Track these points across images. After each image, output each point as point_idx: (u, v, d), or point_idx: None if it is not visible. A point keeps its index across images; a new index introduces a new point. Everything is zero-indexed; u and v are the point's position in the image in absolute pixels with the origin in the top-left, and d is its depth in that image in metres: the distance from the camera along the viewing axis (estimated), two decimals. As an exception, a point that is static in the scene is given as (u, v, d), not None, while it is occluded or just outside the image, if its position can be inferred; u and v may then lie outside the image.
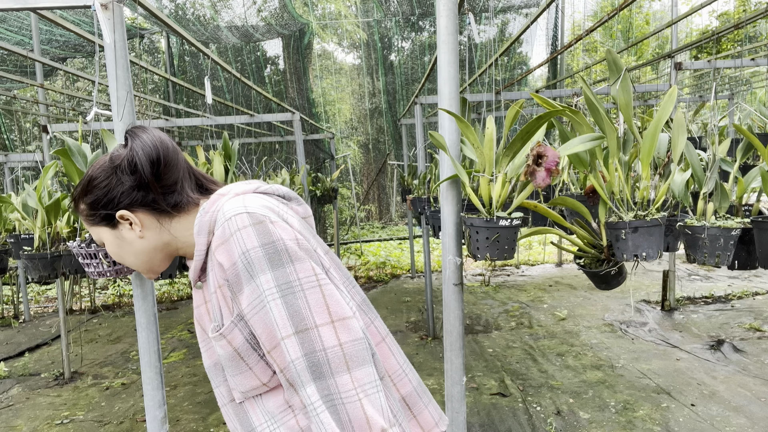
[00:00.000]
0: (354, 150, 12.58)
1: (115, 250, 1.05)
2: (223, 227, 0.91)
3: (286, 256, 0.89)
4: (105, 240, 1.05)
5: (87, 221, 1.05)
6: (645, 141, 1.91)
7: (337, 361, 0.87)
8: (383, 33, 8.95)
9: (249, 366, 0.96)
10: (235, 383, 0.98)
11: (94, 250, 1.93)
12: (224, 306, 0.96)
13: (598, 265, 2.16)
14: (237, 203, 0.93)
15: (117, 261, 1.06)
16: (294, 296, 0.88)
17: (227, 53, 8.68)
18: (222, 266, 0.92)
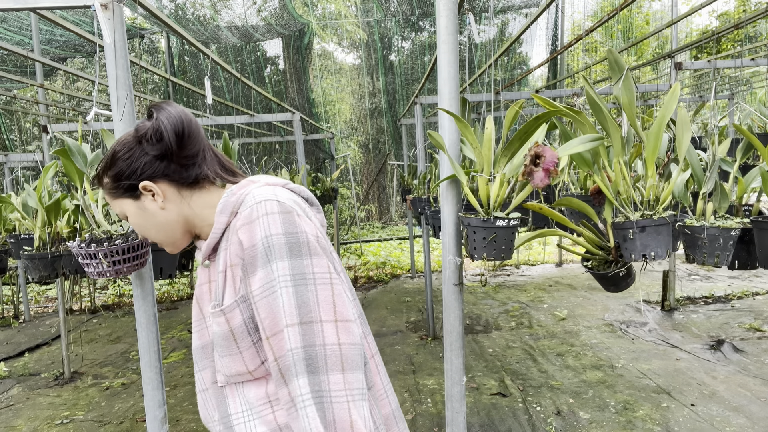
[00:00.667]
0: (354, 150, 12.58)
1: (139, 221, 1.05)
2: (251, 209, 0.94)
3: (305, 249, 0.92)
4: (128, 212, 1.05)
5: (110, 195, 1.05)
6: (649, 140, 1.90)
7: (333, 359, 0.88)
8: (383, 33, 8.95)
9: (239, 349, 0.97)
10: (222, 365, 0.99)
11: (94, 250, 1.93)
12: (229, 285, 0.98)
13: (606, 266, 2.15)
14: (268, 191, 0.97)
15: (140, 234, 1.08)
16: (306, 288, 0.90)
17: (227, 53, 8.68)
18: (241, 244, 0.93)
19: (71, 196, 3.12)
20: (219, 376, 1.01)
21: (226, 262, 0.99)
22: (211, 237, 1.01)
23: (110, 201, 1.06)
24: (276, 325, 0.90)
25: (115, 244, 1.95)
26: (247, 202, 0.97)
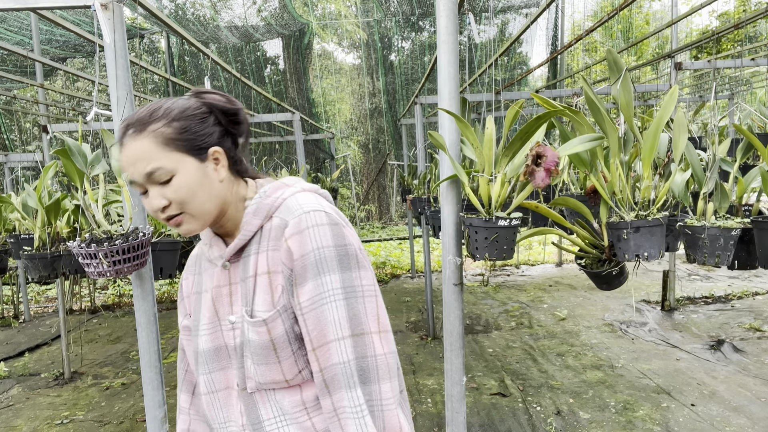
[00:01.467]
0: (354, 150, 12.58)
1: (193, 184, 0.94)
2: (300, 218, 0.94)
3: (354, 261, 0.94)
4: (184, 171, 0.94)
5: (163, 144, 0.93)
6: (646, 140, 1.90)
7: (383, 369, 0.93)
8: (383, 33, 8.95)
9: (278, 359, 0.95)
10: (256, 372, 0.97)
11: (94, 250, 1.93)
12: (263, 292, 0.96)
13: (600, 265, 2.16)
14: (312, 199, 0.98)
15: (183, 201, 0.94)
16: (356, 301, 0.93)
17: (227, 53, 8.68)
18: (291, 254, 0.93)
19: (71, 196, 3.12)
20: (250, 382, 0.98)
21: (259, 267, 0.97)
22: (240, 238, 0.99)
23: (154, 151, 0.93)
24: (324, 337, 0.92)
25: (115, 244, 1.95)
26: (293, 210, 0.95)
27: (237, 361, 1.00)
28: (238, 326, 0.99)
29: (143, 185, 0.95)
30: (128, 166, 0.94)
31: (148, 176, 0.93)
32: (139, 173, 0.93)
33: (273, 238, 0.97)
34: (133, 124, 0.95)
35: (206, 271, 1.06)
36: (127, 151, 0.94)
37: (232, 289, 1.01)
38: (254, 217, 0.99)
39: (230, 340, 1.00)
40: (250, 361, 0.97)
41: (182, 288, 1.15)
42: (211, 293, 1.04)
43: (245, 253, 1.00)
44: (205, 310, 1.04)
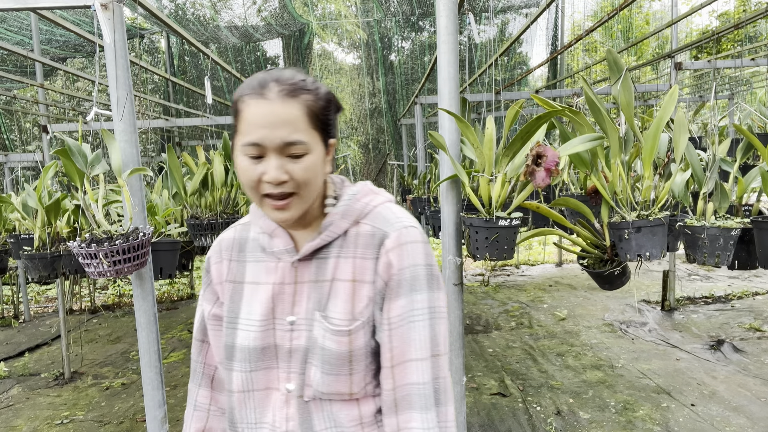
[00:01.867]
0: (354, 150, 12.58)
1: (317, 169, 0.89)
2: (401, 232, 0.93)
3: (437, 282, 0.94)
4: (315, 153, 0.88)
5: (309, 117, 0.87)
6: (647, 140, 1.90)
7: (448, 390, 0.94)
8: (383, 33, 8.95)
9: (351, 371, 0.92)
10: (322, 381, 0.92)
11: (95, 250, 1.93)
12: (345, 300, 0.92)
13: (602, 265, 2.16)
14: (406, 214, 0.97)
15: (305, 182, 0.87)
16: (436, 321, 0.93)
17: (227, 53, 8.68)
18: (391, 267, 0.92)
19: (71, 196, 3.12)
20: (309, 390, 0.93)
21: (339, 272, 0.93)
22: (323, 238, 0.94)
23: (299, 121, 0.86)
24: (405, 354, 0.91)
25: (115, 244, 1.95)
26: (391, 221, 0.94)
27: (289, 364, 0.95)
28: (299, 328, 0.94)
29: (266, 150, 0.85)
30: (264, 125, 0.84)
31: (285, 145, 0.84)
32: (277, 138, 0.84)
33: (362, 245, 0.94)
34: (284, 83, 0.85)
35: (260, 262, 0.99)
36: (271, 108, 0.84)
37: (297, 288, 0.95)
38: (342, 220, 0.94)
39: (285, 341, 0.95)
40: (316, 369, 0.92)
41: (210, 273, 1.05)
42: (271, 288, 0.96)
43: (322, 254, 0.95)
44: (256, 305, 0.97)
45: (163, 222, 3.10)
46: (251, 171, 0.86)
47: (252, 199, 0.91)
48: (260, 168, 0.86)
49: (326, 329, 0.92)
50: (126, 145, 2.07)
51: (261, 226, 0.98)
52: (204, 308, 1.06)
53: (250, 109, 0.85)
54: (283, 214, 0.88)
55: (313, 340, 0.93)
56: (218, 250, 1.05)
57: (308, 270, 0.95)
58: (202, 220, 3.20)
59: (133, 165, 2.08)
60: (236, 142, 0.89)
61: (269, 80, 0.86)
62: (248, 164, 0.86)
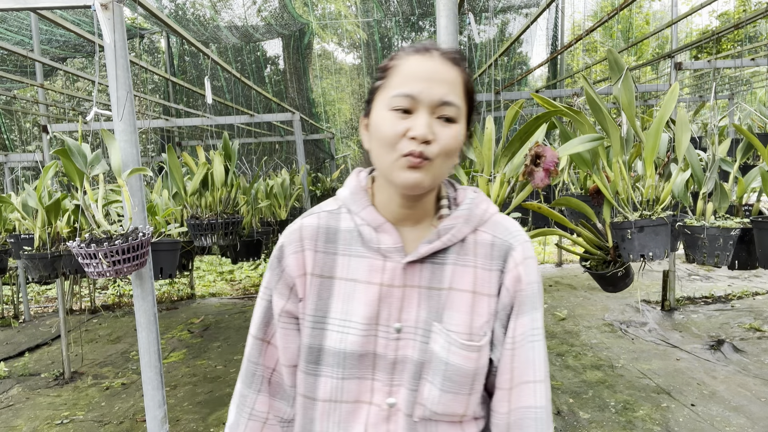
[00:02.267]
0: (354, 150, 12.58)
1: (458, 144, 0.84)
2: (524, 245, 0.89)
3: (542, 300, 0.90)
4: (461, 127, 0.84)
5: (463, 86, 0.85)
6: (648, 139, 1.90)
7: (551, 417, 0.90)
8: (383, 33, 8.95)
9: (471, 391, 0.86)
10: (439, 400, 0.84)
11: (94, 250, 1.93)
12: (463, 312, 0.86)
13: (605, 266, 2.16)
14: (519, 226, 0.93)
15: (445, 151, 0.81)
16: (543, 342, 0.88)
17: (227, 53, 8.68)
18: (520, 281, 0.87)
19: (71, 196, 3.13)
20: (420, 409, 0.85)
21: (457, 281, 0.87)
22: (443, 241, 0.87)
23: (457, 85, 0.83)
24: (523, 376, 0.86)
25: (115, 244, 1.95)
26: (513, 232, 0.90)
27: (392, 376, 0.86)
28: (407, 338, 0.86)
29: (418, 105, 0.80)
30: (424, 79, 0.80)
31: (441, 104, 0.80)
32: (435, 94, 0.80)
33: (482, 255, 0.88)
34: (446, 50, 0.84)
35: (360, 257, 0.88)
36: (434, 65, 0.81)
37: (406, 293, 0.86)
38: (465, 225, 0.88)
39: (388, 350, 0.86)
40: (433, 386, 0.84)
41: (284, 263, 0.91)
42: (378, 290, 0.86)
43: (438, 258, 0.87)
44: (358, 306, 0.86)
45: (163, 222, 3.10)
46: (396, 124, 0.79)
47: (383, 161, 0.82)
48: (407, 123, 0.80)
49: (452, 342, 0.84)
50: (126, 145, 2.07)
51: (364, 218, 0.88)
52: (275, 303, 0.93)
53: (409, 64, 0.82)
54: (415, 174, 0.79)
55: (432, 353, 0.84)
56: (298, 237, 0.91)
57: (420, 274, 0.87)
58: (202, 220, 3.20)
59: (133, 165, 2.08)
60: (382, 95, 0.83)
61: (431, 45, 0.84)
62: (393, 117, 0.80)
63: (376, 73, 0.88)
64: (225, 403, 3.76)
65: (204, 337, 5.38)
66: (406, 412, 0.85)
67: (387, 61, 0.86)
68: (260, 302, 0.95)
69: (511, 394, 0.87)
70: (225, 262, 8.96)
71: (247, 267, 8.74)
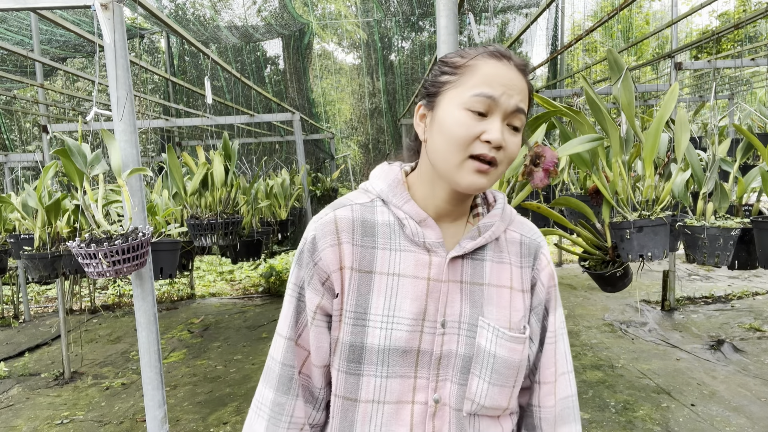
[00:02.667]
0: (354, 150, 12.58)
1: (519, 147, 0.85)
2: (546, 246, 0.96)
3: None
4: (522, 129, 0.85)
5: (528, 97, 0.87)
6: (647, 139, 1.90)
7: None
8: (383, 33, 8.95)
9: (515, 384, 0.88)
10: (488, 393, 0.85)
11: (94, 250, 1.93)
12: (501, 307, 0.88)
13: (603, 266, 2.16)
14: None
15: (509, 158, 0.83)
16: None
17: (227, 53, 8.68)
18: (552, 278, 0.94)
19: (71, 196, 3.13)
20: (469, 404, 0.85)
21: (494, 277, 0.89)
22: (485, 238, 0.88)
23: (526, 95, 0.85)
24: (561, 368, 0.94)
25: (114, 244, 1.95)
26: (535, 232, 0.96)
27: (438, 372, 0.85)
28: (451, 332, 0.85)
29: (495, 109, 0.80)
30: (506, 87, 0.81)
31: (515, 111, 0.81)
32: (513, 100, 0.81)
33: (514, 253, 0.91)
34: (519, 59, 0.86)
35: (404, 251, 0.86)
36: (513, 73, 0.83)
37: (451, 287, 0.86)
38: (501, 223, 0.91)
39: (433, 346, 0.85)
40: (481, 379, 0.85)
41: (318, 255, 0.86)
42: (426, 284, 0.86)
43: (478, 255, 0.89)
44: (405, 301, 0.85)
45: (163, 222, 3.10)
46: (472, 126, 0.79)
47: (447, 159, 0.81)
48: (482, 126, 0.79)
49: (499, 335, 0.85)
50: (126, 145, 2.07)
51: (407, 211, 0.87)
52: (308, 300, 0.88)
53: (489, 66, 0.82)
54: (481, 179, 0.80)
55: (479, 347, 0.85)
56: (333, 230, 0.87)
57: (462, 269, 0.87)
58: (202, 220, 3.20)
59: (133, 165, 2.08)
60: (454, 94, 0.82)
61: (506, 53, 0.84)
62: (469, 118, 0.80)
63: (443, 66, 0.87)
64: (225, 403, 3.76)
65: (204, 337, 5.38)
66: (455, 407, 0.85)
67: (457, 58, 0.85)
68: (290, 300, 0.90)
69: (556, 387, 0.92)
70: (225, 262, 8.96)
71: (247, 267, 8.74)
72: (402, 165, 0.95)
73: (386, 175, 0.91)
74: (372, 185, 0.91)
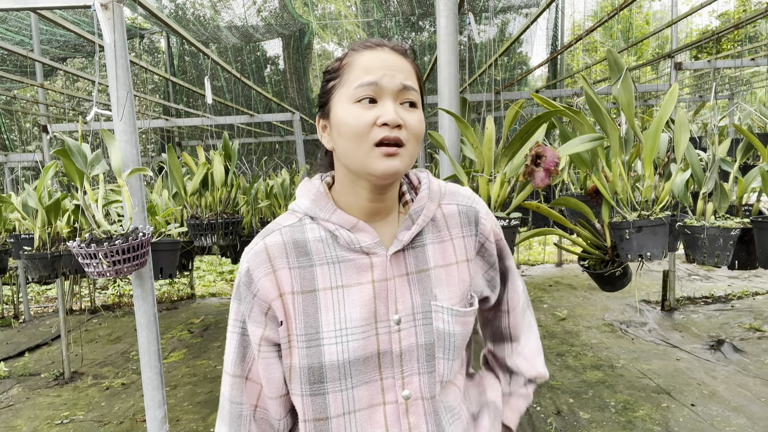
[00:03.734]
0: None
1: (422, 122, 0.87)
2: (483, 205, 0.99)
3: None
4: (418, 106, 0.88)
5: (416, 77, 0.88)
6: (647, 140, 1.90)
7: None
8: (383, 33, 8.95)
9: (464, 347, 0.94)
10: (451, 368, 0.89)
11: (94, 250, 1.93)
12: (453, 284, 0.91)
13: (603, 266, 2.16)
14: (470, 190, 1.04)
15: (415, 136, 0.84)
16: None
17: (227, 53, 8.68)
18: (497, 235, 0.98)
19: (71, 196, 3.13)
20: (438, 386, 0.88)
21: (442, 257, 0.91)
22: (419, 223, 0.89)
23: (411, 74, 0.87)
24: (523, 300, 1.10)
25: (115, 244, 1.95)
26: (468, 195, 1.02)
27: (402, 369, 0.86)
28: (407, 326, 0.86)
29: (382, 92, 0.82)
30: (385, 69, 0.82)
31: (403, 89, 0.83)
32: (397, 79, 0.82)
33: (455, 225, 0.93)
34: (396, 44, 0.87)
35: (343, 262, 0.86)
36: (390, 57, 0.84)
37: (398, 283, 0.87)
38: (431, 202, 0.91)
39: (392, 344, 0.85)
40: (445, 359, 0.88)
41: (255, 287, 0.86)
42: (371, 288, 0.85)
43: (417, 242, 0.89)
44: (353, 310, 0.85)
45: (163, 222, 3.10)
46: (364, 114, 0.80)
47: (354, 155, 0.82)
48: (374, 112, 0.81)
49: (452, 313, 0.87)
50: (126, 145, 2.07)
51: (336, 221, 0.86)
52: (251, 333, 0.87)
53: (364, 57, 0.83)
54: (394, 161, 0.80)
55: (438, 330, 0.87)
56: (265, 258, 0.86)
57: (405, 261, 0.88)
58: (202, 220, 3.20)
59: (133, 165, 2.08)
60: (339, 93, 0.84)
61: (379, 42, 0.86)
62: (359, 108, 0.81)
63: (325, 75, 0.89)
64: (225, 403, 3.75)
65: (204, 337, 5.38)
66: (428, 396, 0.86)
67: (336, 62, 0.87)
68: (232, 336, 0.89)
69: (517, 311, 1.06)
70: (225, 262, 8.96)
71: (247, 267, 8.73)
72: (323, 176, 0.94)
73: (308, 191, 0.90)
74: (297, 204, 0.91)
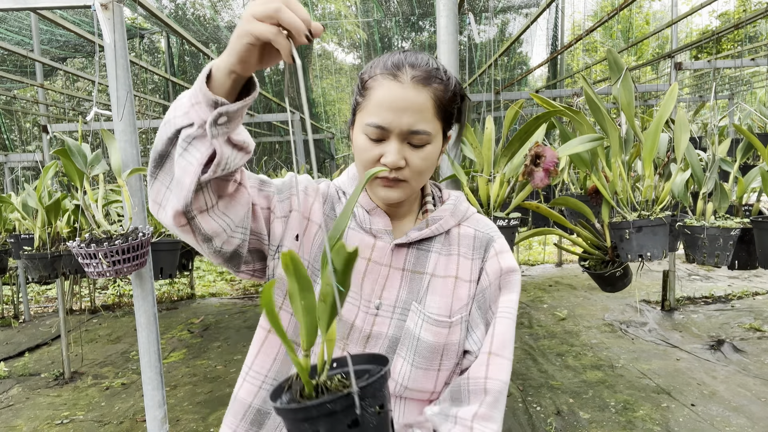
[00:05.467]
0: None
1: (434, 159, 0.89)
2: (502, 239, 0.98)
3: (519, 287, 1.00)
4: (435, 144, 0.87)
5: (436, 108, 0.85)
6: (647, 140, 1.90)
7: None
8: (383, 33, 8.95)
9: (440, 367, 0.89)
10: (411, 376, 0.88)
11: (94, 250, 1.93)
12: (444, 295, 0.91)
13: (603, 266, 2.16)
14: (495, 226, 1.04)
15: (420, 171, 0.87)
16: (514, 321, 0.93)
17: (227, 53, 8.68)
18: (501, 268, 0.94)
19: (71, 196, 3.13)
20: (392, 384, 0.88)
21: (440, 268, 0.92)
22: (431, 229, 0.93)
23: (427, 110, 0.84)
24: (498, 346, 0.90)
25: (114, 244, 1.95)
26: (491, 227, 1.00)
27: (363, 349, 0.89)
28: (384, 315, 0.90)
29: (390, 134, 0.84)
30: (393, 110, 0.82)
31: (409, 133, 0.83)
32: (404, 124, 0.83)
33: (466, 245, 0.95)
34: (418, 68, 0.84)
35: (351, 230, 0.93)
36: (403, 93, 0.82)
37: (391, 273, 0.91)
38: (451, 218, 0.96)
39: (365, 325, 0.89)
40: (405, 361, 0.88)
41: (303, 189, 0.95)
42: (365, 264, 0.91)
43: (423, 245, 0.94)
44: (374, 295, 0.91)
45: (163, 222, 3.10)
46: (370, 151, 0.85)
47: (362, 173, 0.89)
48: (379, 149, 0.84)
49: (424, 319, 0.88)
50: (126, 145, 2.07)
51: (358, 201, 0.93)
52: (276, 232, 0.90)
53: (381, 90, 0.84)
54: (390, 192, 0.86)
55: (407, 330, 0.89)
56: (315, 189, 0.97)
57: (405, 257, 0.92)
58: (202, 220, 3.20)
59: (133, 165, 2.08)
60: (359, 118, 0.88)
61: (404, 63, 0.85)
62: (368, 144, 0.85)
63: (358, 84, 0.91)
64: (225, 403, 3.75)
65: (204, 337, 5.38)
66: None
67: (365, 76, 0.89)
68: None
69: (489, 364, 0.88)
70: (225, 262, 8.94)
71: (247, 267, 8.73)
72: None
73: (347, 172, 1.00)
74: (338, 180, 1.01)
